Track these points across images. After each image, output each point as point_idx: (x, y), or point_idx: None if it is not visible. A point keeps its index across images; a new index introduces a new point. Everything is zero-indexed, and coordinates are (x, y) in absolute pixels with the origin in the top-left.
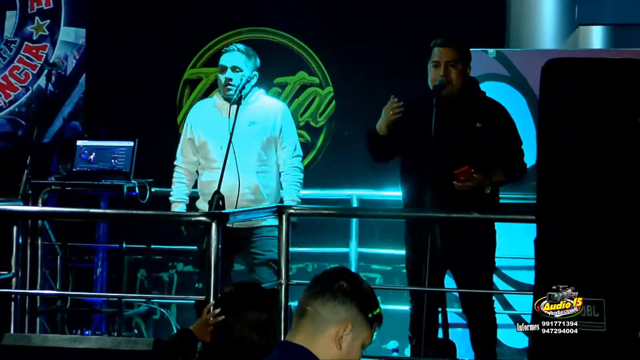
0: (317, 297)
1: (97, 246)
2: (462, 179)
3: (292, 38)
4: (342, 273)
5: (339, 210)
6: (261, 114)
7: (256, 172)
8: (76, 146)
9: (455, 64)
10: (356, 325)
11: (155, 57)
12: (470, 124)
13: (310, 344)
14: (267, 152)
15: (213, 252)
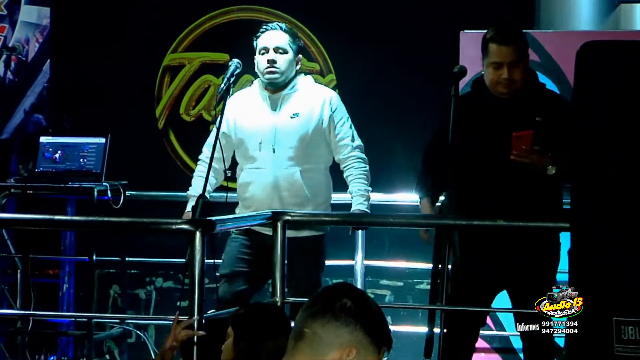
0: (316, 317)
1: (64, 258)
2: (521, 147)
3: (290, 19)
4: (345, 290)
5: (342, 216)
6: (307, 104)
7: (300, 172)
8: (39, 143)
9: (518, 64)
10: (361, 350)
11: (130, 40)
12: (529, 119)
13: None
14: (313, 146)
15: (197, 266)
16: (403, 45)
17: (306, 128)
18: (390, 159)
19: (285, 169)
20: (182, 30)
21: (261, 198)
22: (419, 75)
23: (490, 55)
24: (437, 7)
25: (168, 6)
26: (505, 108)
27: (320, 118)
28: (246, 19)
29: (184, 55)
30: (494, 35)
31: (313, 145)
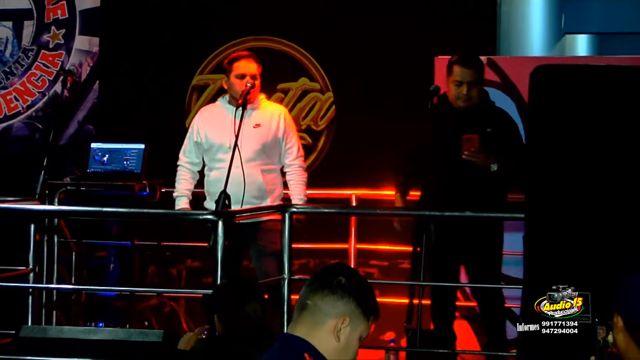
0: (317, 292)
1: (110, 243)
2: (470, 148)
3: (294, 46)
4: (340, 269)
5: (338, 209)
6: (265, 117)
7: (261, 171)
8: (90, 148)
9: (476, 83)
10: (354, 319)
11: (165, 64)
12: (481, 129)
13: (310, 336)
14: (271, 152)
15: (220, 249)
16: (388, 67)
17: (266, 137)
18: (378, 162)
19: (250, 171)
20: (207, 57)
21: None
22: (402, 92)
23: (453, 74)
24: (417, 37)
25: (196, 36)
26: (462, 119)
27: (276, 129)
28: (259, 47)
29: (208, 76)
30: (458, 59)
31: (271, 151)
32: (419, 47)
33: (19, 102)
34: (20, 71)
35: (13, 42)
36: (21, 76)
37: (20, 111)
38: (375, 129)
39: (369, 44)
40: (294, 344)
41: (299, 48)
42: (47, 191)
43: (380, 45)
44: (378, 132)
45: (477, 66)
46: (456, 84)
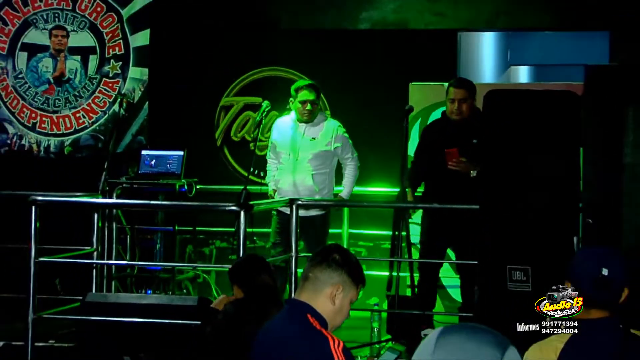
0: (317, 266)
1: (156, 228)
2: (452, 159)
3: (300, 75)
4: (335, 248)
5: (334, 201)
6: (321, 132)
7: (312, 175)
8: (141, 155)
9: (465, 100)
10: (345, 287)
11: (199, 88)
12: (468, 140)
13: (312, 300)
14: (323, 159)
15: (242, 233)
16: (374, 91)
17: (319, 147)
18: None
19: (302, 174)
20: (232, 82)
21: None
22: (384, 110)
23: (449, 94)
24: (395, 68)
25: (223, 66)
26: (454, 131)
27: (329, 142)
28: (274, 75)
29: (233, 98)
30: (453, 82)
31: (322, 159)
32: (397, 75)
33: (85, 118)
34: (87, 95)
35: (81, 72)
36: (87, 98)
37: (87, 126)
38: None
39: (359, 72)
40: (300, 307)
41: (303, 76)
42: (107, 188)
43: (367, 74)
44: (366, 142)
45: (468, 87)
46: (450, 101)
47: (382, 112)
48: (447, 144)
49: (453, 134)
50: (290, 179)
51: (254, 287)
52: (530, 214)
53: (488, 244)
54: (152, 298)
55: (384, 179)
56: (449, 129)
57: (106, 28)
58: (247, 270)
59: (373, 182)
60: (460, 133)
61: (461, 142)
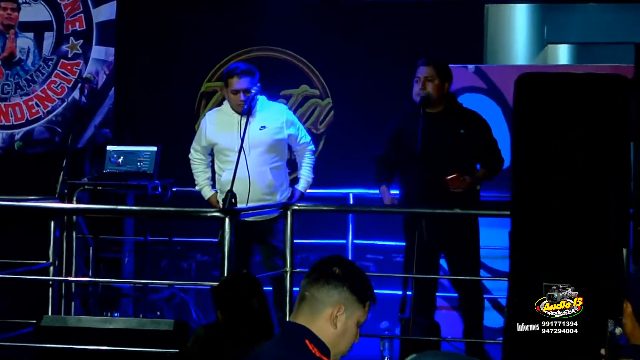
0: (313, 283)
1: (125, 239)
2: (454, 185)
3: (295, 55)
4: (334, 260)
5: (337, 207)
6: (269, 118)
7: (269, 170)
8: (106, 151)
9: (432, 79)
10: (349, 306)
11: (175, 72)
12: (454, 132)
13: (310, 324)
14: (277, 150)
15: (226, 244)
16: (383, 74)
17: (272, 137)
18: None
19: (259, 170)
20: (215, 65)
21: None
22: (395, 98)
23: (416, 74)
24: (410, 47)
25: (204, 46)
26: (435, 123)
27: (281, 128)
28: (263, 56)
29: (216, 84)
30: (419, 61)
31: (278, 149)
32: (412, 56)
33: (39, 107)
34: (41, 79)
35: (34, 52)
36: (42, 84)
37: (41, 116)
38: (371, 133)
39: (365, 52)
40: (296, 331)
41: (300, 57)
42: (66, 190)
43: (375, 54)
44: (374, 135)
45: (435, 65)
46: (415, 80)
47: (393, 101)
48: (427, 135)
49: (434, 125)
50: (246, 180)
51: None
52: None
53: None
54: (119, 322)
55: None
56: (426, 119)
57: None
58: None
59: None
60: (441, 123)
61: (446, 133)
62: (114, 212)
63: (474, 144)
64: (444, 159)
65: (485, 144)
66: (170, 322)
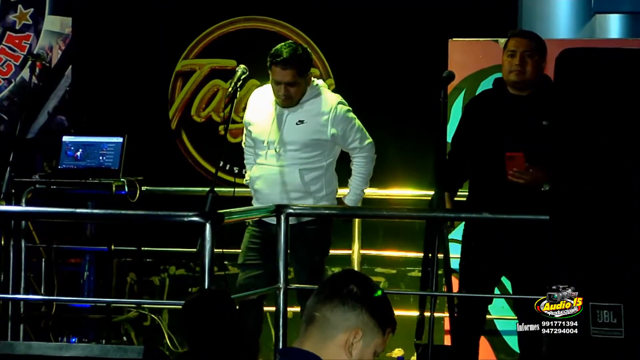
0: (325, 302)
1: (84, 248)
2: (513, 169)
3: (291, 27)
4: (351, 276)
5: (340, 209)
6: (312, 112)
7: (299, 171)
8: (62, 142)
9: (532, 55)
10: (367, 332)
11: (145, 48)
12: (536, 122)
13: (319, 351)
14: (314, 150)
15: (207, 254)
16: (396, 51)
17: (309, 135)
18: (384, 157)
19: (287, 169)
20: (193, 39)
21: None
22: (410, 79)
23: (507, 47)
24: (428, 17)
25: (179, 16)
26: (515, 108)
27: (323, 127)
28: (252, 28)
29: (194, 61)
30: (513, 31)
31: (315, 149)
32: (431, 29)
33: None
34: None
35: None
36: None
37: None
38: (381, 120)
39: (374, 24)
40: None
41: (296, 29)
42: (13, 190)
43: (386, 27)
44: (384, 124)
45: (535, 39)
46: (510, 54)
47: (409, 83)
48: (503, 125)
49: (513, 112)
50: (272, 178)
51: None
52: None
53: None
54: (78, 348)
55: (411, 178)
56: (506, 104)
57: None
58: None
59: (395, 183)
60: (523, 110)
61: (525, 123)
62: (71, 216)
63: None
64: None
65: None
66: (139, 349)
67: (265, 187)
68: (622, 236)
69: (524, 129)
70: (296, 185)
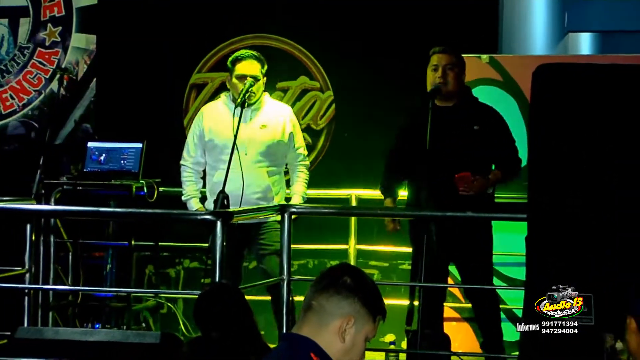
0: (322, 292)
1: (107, 243)
2: (464, 186)
3: (294, 44)
4: (346, 269)
5: (338, 209)
6: (271, 118)
7: (267, 173)
8: (87, 147)
9: (452, 68)
10: (359, 319)
11: (162, 62)
12: (468, 127)
13: (315, 336)
14: (277, 153)
15: (218, 249)
16: (387, 66)
17: (273, 138)
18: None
19: (254, 171)
20: (206, 54)
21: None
22: (402, 90)
23: (430, 62)
24: (416, 34)
25: (193, 34)
26: (447, 118)
27: (283, 130)
28: (258, 45)
29: (207, 75)
30: (435, 48)
31: (277, 152)
32: (420, 46)
33: (14, 100)
34: (16, 69)
35: (9, 39)
36: (17, 74)
37: (16, 110)
38: (375, 128)
39: (369, 42)
40: (301, 344)
41: (298, 46)
42: (43, 191)
43: (379, 44)
44: (379, 131)
45: (454, 53)
46: (433, 69)
47: (400, 94)
48: (438, 134)
49: (444, 121)
50: (239, 183)
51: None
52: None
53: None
54: (101, 334)
55: None
56: (436, 115)
57: None
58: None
59: None
60: (453, 119)
61: (458, 130)
62: (95, 214)
63: (489, 142)
64: (455, 158)
65: (500, 141)
66: (156, 334)
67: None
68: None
69: (459, 136)
70: (264, 187)
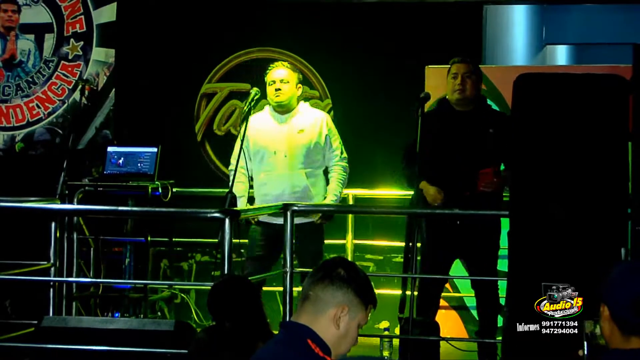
0: (318, 283)
1: (125, 239)
2: (485, 180)
3: (295, 57)
4: (340, 262)
5: (337, 207)
6: (308, 122)
7: (305, 175)
8: (107, 152)
9: (470, 76)
10: (352, 308)
11: (176, 73)
12: (484, 131)
13: (312, 324)
14: (315, 156)
15: (226, 245)
16: (382, 76)
17: (310, 141)
18: (372, 163)
19: (295, 174)
20: (215, 66)
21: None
22: (395, 99)
23: (450, 71)
24: (408, 48)
25: (204, 47)
26: (464, 122)
27: (319, 134)
28: (263, 57)
29: (216, 85)
30: (455, 59)
31: (315, 155)
32: (411, 58)
33: (40, 109)
34: (42, 80)
35: (35, 53)
36: (42, 85)
37: (42, 117)
38: (370, 133)
39: (364, 54)
40: (298, 331)
41: (299, 58)
42: (67, 191)
43: (374, 56)
44: (373, 136)
45: (472, 63)
46: (453, 77)
47: (392, 102)
48: (456, 135)
49: (462, 125)
50: (282, 184)
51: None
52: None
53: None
54: (120, 322)
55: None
56: (455, 119)
57: (65, 1)
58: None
59: (382, 184)
60: (471, 123)
61: (475, 133)
62: (114, 213)
63: (502, 144)
64: (473, 158)
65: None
66: (171, 322)
67: (275, 192)
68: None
69: (476, 139)
70: (303, 187)
